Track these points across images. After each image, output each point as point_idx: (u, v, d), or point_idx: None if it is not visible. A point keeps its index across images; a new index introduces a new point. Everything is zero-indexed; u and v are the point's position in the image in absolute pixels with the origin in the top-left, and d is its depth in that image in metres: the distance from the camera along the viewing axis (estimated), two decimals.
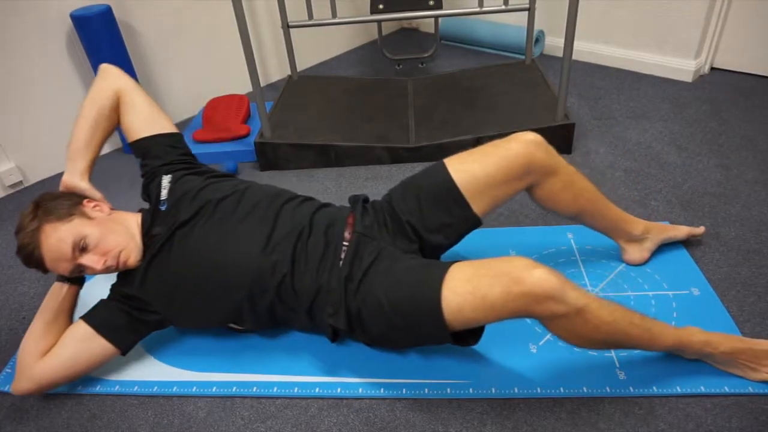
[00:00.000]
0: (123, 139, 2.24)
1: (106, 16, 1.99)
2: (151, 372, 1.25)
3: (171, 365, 1.26)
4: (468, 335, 1.05)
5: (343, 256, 1.12)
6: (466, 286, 0.95)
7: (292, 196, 1.24)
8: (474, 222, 1.18)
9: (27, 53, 1.97)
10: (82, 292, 1.25)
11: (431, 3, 2.10)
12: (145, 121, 1.25)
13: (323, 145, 1.97)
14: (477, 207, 1.16)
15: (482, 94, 2.20)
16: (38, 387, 1.13)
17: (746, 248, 1.42)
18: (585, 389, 1.10)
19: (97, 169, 1.27)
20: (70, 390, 1.22)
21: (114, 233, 1.13)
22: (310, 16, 2.22)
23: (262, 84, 2.60)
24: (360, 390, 1.16)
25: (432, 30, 3.08)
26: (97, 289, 1.31)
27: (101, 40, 2.00)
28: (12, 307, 1.51)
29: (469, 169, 1.16)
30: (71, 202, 1.14)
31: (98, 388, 1.22)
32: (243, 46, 1.79)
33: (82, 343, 1.14)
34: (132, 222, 1.19)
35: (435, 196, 1.17)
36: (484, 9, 2.06)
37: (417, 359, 1.21)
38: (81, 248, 1.09)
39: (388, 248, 1.14)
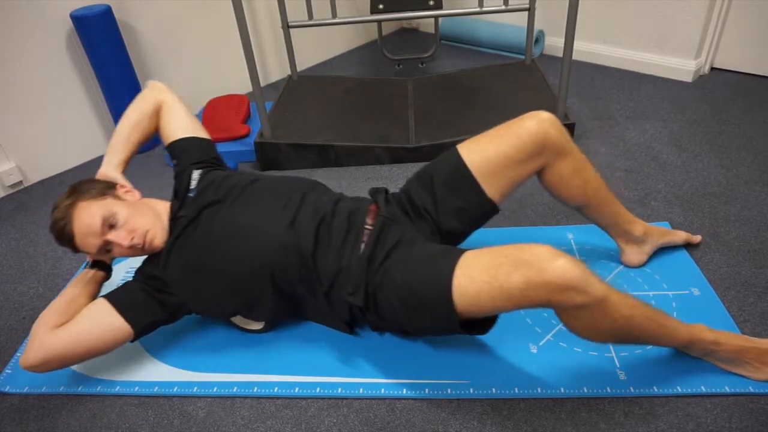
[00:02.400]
0: None
1: (106, 16, 1.99)
2: (151, 372, 1.25)
3: (172, 365, 1.26)
4: (479, 324, 1.04)
5: (365, 239, 1.13)
6: (483, 274, 0.94)
7: (316, 184, 1.28)
8: (489, 207, 1.17)
9: (27, 53, 1.97)
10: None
11: (431, 3, 2.10)
12: (183, 126, 1.34)
13: (323, 145, 1.97)
14: (491, 190, 1.16)
15: (482, 94, 2.20)
16: (47, 357, 1.10)
17: (746, 248, 1.42)
18: (585, 389, 1.10)
19: (97, 168, 1.29)
20: (70, 390, 1.22)
21: (142, 215, 1.18)
22: (310, 16, 2.22)
23: (262, 84, 2.59)
24: (360, 390, 1.16)
25: (432, 30, 3.09)
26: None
27: (101, 40, 2.01)
28: (12, 307, 1.51)
29: (482, 151, 1.16)
30: (105, 186, 1.21)
31: (99, 389, 1.22)
32: (243, 46, 1.79)
33: (98, 318, 1.15)
34: (161, 207, 1.24)
35: (449, 181, 1.18)
36: (484, 9, 2.06)
37: (417, 359, 1.21)
38: (110, 225, 1.14)
39: (411, 233, 1.15)
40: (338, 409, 1.13)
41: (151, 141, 1.40)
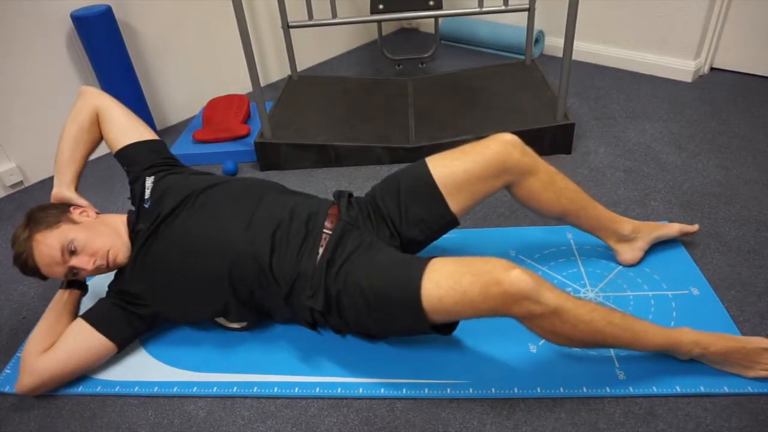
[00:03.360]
0: None
1: (106, 16, 1.99)
2: (151, 372, 1.25)
3: (171, 365, 1.26)
4: (444, 325, 1.09)
5: (323, 243, 1.14)
6: (448, 280, 0.98)
7: (273, 186, 1.29)
8: (449, 219, 1.21)
9: (27, 53, 1.97)
10: (85, 297, 1.32)
11: (431, 3, 2.10)
12: (124, 131, 1.31)
13: (323, 145, 1.97)
14: (454, 204, 1.20)
15: (482, 94, 2.20)
16: (39, 381, 1.16)
17: (746, 248, 1.42)
18: (585, 389, 1.10)
19: (97, 169, 1.28)
20: (71, 390, 1.22)
21: (101, 235, 1.19)
22: (310, 16, 2.22)
23: (262, 84, 2.60)
24: (360, 390, 1.16)
25: (432, 30, 3.09)
26: (100, 291, 1.34)
27: (101, 40, 2.01)
28: (12, 307, 1.51)
29: (448, 165, 1.20)
30: (58, 211, 1.22)
31: (99, 389, 1.22)
32: (243, 46, 1.79)
33: (80, 338, 1.19)
34: (118, 222, 1.25)
35: (413, 190, 1.21)
36: (484, 9, 2.07)
37: (417, 359, 1.21)
38: (70, 251, 1.16)
39: (372, 238, 1.17)
40: (338, 409, 1.13)
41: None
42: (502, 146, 1.19)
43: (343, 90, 2.38)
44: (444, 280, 0.99)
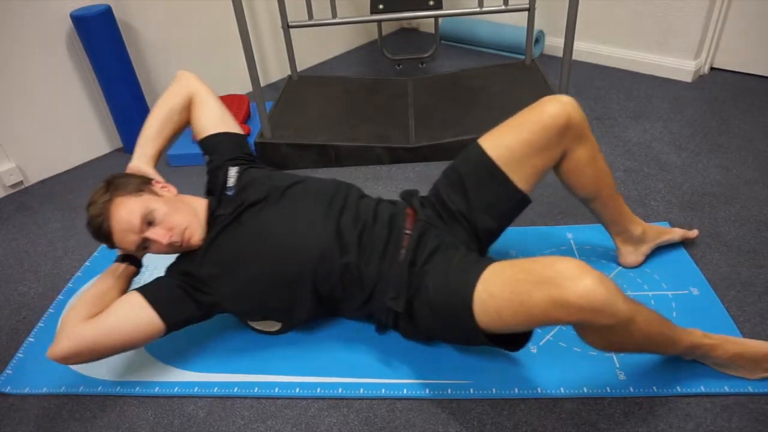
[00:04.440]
0: (124, 139, 2.25)
1: (106, 16, 1.99)
2: (152, 372, 1.25)
3: (172, 366, 1.26)
4: (513, 339, 1.02)
5: (405, 244, 1.13)
6: (504, 290, 0.90)
7: (351, 186, 1.27)
8: (518, 198, 1.15)
9: (27, 53, 1.97)
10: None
11: (431, 3, 2.10)
12: (216, 120, 1.30)
13: (323, 145, 1.97)
14: (519, 180, 1.14)
15: (482, 94, 2.20)
16: (77, 348, 1.06)
17: (746, 248, 1.42)
18: (585, 389, 1.10)
19: (98, 168, 1.27)
20: (71, 390, 1.22)
21: (180, 211, 1.15)
22: (310, 16, 2.22)
23: (262, 84, 2.60)
24: (361, 390, 1.16)
25: (432, 30, 3.08)
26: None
27: (101, 40, 2.00)
28: (12, 307, 1.51)
29: (503, 141, 1.15)
30: (140, 180, 1.18)
31: (99, 389, 1.22)
32: (243, 46, 1.79)
33: (130, 311, 1.11)
34: (198, 204, 1.22)
35: (476, 177, 1.16)
36: (484, 9, 2.07)
37: (417, 359, 1.21)
38: (148, 222, 1.11)
39: (448, 238, 1.15)
40: (338, 409, 1.13)
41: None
42: (561, 107, 1.11)
43: (343, 90, 2.38)
44: (500, 290, 0.91)
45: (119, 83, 2.11)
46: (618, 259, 1.39)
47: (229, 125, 1.32)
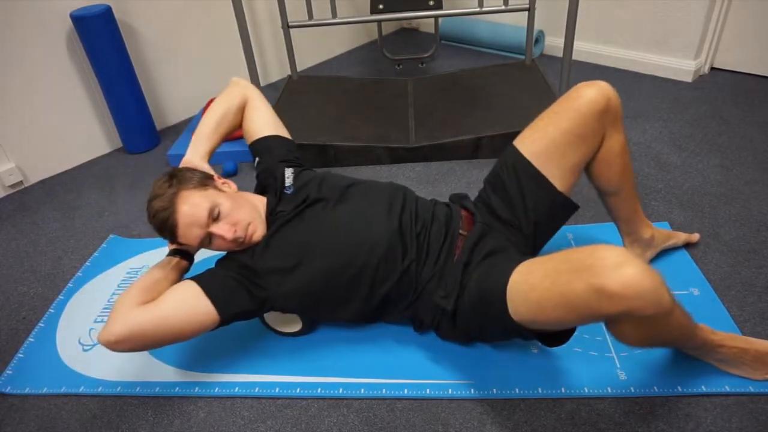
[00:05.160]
0: (124, 139, 2.25)
1: (106, 16, 1.99)
2: (152, 373, 1.25)
3: (172, 366, 1.26)
4: (557, 335, 0.99)
5: (460, 245, 1.13)
6: (544, 281, 0.85)
7: (409, 190, 1.27)
8: (560, 202, 1.14)
9: (27, 53, 1.97)
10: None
11: (431, 3, 2.10)
12: (267, 123, 1.34)
13: (323, 145, 1.97)
14: (560, 178, 1.12)
15: (482, 94, 2.20)
16: (128, 333, 1.03)
17: (746, 248, 1.42)
18: (585, 389, 1.10)
19: (98, 168, 1.27)
20: (72, 390, 1.22)
21: (243, 207, 1.16)
22: (310, 16, 2.22)
23: (262, 84, 2.60)
24: (361, 390, 1.16)
25: (432, 30, 3.08)
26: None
27: (101, 40, 2.00)
28: (12, 307, 1.51)
29: (540, 136, 1.13)
30: (204, 175, 1.18)
31: (100, 389, 1.22)
32: (243, 46, 1.79)
33: (186, 299, 1.09)
34: (257, 201, 1.23)
35: (516, 182, 1.15)
36: (484, 9, 2.07)
37: (418, 359, 1.21)
38: (214, 216, 1.11)
39: (504, 242, 1.15)
40: (338, 409, 1.13)
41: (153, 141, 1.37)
42: (599, 90, 1.09)
43: (343, 90, 2.38)
44: (540, 281, 0.86)
45: (119, 83, 2.11)
46: None
47: (281, 130, 1.35)
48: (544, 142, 1.13)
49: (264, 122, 1.33)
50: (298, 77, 2.51)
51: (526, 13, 2.23)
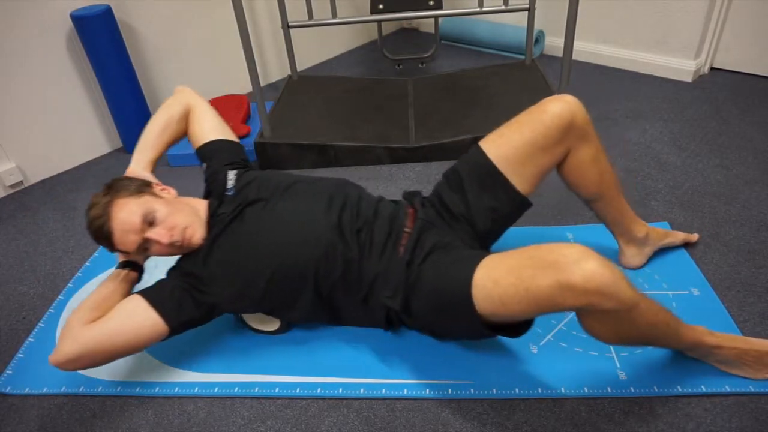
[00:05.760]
0: (124, 139, 2.25)
1: (106, 16, 1.99)
2: (152, 373, 1.25)
3: (172, 366, 1.26)
4: (513, 327, 1.01)
5: (404, 243, 1.13)
6: (509, 276, 0.89)
7: (354, 187, 1.27)
8: (519, 201, 1.16)
9: (27, 53, 1.97)
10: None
11: (431, 3, 2.10)
12: (213, 128, 1.35)
13: (323, 145, 1.97)
14: (520, 183, 1.14)
15: (482, 94, 2.20)
16: (80, 352, 1.06)
17: (746, 248, 1.42)
18: (585, 389, 1.10)
19: (98, 168, 1.28)
20: (72, 390, 1.22)
21: (181, 212, 1.16)
22: (310, 16, 2.22)
23: (262, 84, 2.60)
24: (361, 390, 1.16)
25: (432, 30, 3.08)
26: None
27: (101, 40, 2.01)
28: (12, 307, 1.51)
29: (504, 142, 1.15)
30: (141, 183, 1.19)
31: (100, 389, 1.22)
32: (243, 46, 1.79)
33: (132, 314, 1.11)
34: (198, 205, 1.23)
35: (477, 180, 1.17)
36: (484, 9, 2.07)
37: (418, 359, 1.21)
38: (149, 222, 1.12)
39: (447, 237, 1.15)
40: (338, 409, 1.13)
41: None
42: (564, 106, 1.11)
43: (343, 90, 2.38)
44: (504, 277, 0.90)
45: (119, 83, 2.11)
46: (620, 260, 1.39)
47: (227, 134, 1.35)
48: (508, 147, 1.15)
49: (209, 127, 1.34)
50: (298, 77, 2.51)
51: (526, 13, 2.23)
